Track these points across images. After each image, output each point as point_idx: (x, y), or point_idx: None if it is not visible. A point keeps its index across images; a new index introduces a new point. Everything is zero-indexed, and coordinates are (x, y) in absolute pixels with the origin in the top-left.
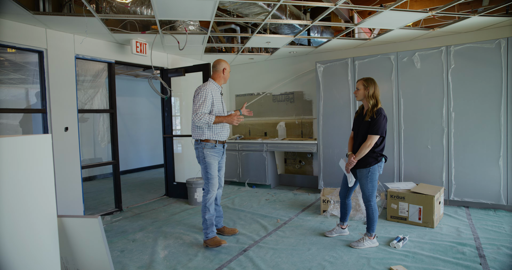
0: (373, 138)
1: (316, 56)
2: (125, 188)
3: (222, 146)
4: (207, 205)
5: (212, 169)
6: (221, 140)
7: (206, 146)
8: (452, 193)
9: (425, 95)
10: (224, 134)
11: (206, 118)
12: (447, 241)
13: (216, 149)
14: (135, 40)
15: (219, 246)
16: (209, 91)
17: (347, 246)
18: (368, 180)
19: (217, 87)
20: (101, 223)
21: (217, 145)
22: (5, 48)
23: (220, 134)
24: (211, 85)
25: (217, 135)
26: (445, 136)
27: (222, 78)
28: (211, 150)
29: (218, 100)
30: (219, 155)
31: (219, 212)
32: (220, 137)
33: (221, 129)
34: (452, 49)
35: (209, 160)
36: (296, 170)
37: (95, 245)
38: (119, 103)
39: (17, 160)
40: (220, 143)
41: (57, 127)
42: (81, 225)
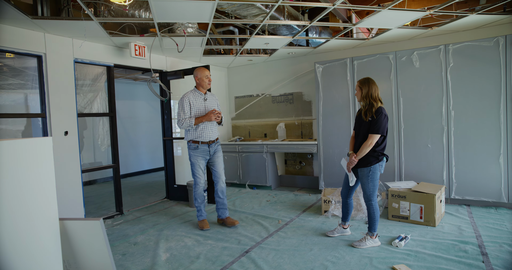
0: (374, 137)
1: (315, 56)
2: (126, 191)
3: (207, 146)
4: (195, 196)
5: (196, 167)
6: (204, 140)
7: (190, 147)
8: (453, 192)
9: (424, 94)
10: (205, 135)
11: (187, 122)
12: (449, 240)
13: (199, 149)
14: (134, 43)
15: (202, 229)
16: (186, 98)
17: (349, 246)
18: (369, 179)
19: (199, 93)
20: (103, 225)
21: (200, 146)
22: (3, 53)
23: (201, 136)
24: (191, 93)
25: (198, 136)
26: (445, 135)
27: (199, 85)
28: (194, 150)
29: (199, 105)
30: (203, 154)
31: (223, 204)
32: (202, 138)
33: (203, 131)
34: (451, 47)
35: (193, 159)
36: (297, 171)
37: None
38: (119, 106)
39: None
40: (204, 144)
41: (56, 131)
42: (83, 227)
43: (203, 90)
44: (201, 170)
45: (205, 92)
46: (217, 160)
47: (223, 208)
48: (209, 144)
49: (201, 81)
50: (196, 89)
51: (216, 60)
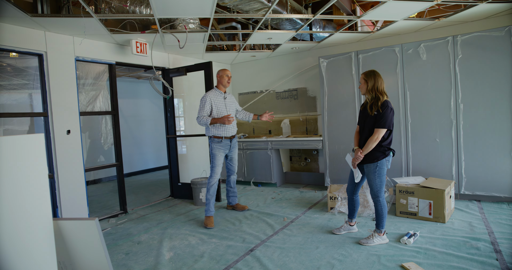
0: (380, 132)
1: (319, 51)
2: (130, 190)
3: (230, 140)
4: (208, 187)
5: (217, 159)
6: (227, 135)
7: (213, 141)
8: (463, 187)
9: (432, 87)
10: (228, 131)
11: (204, 120)
12: (460, 236)
13: (222, 143)
14: (135, 40)
15: (205, 227)
16: (208, 97)
17: (356, 243)
18: (376, 175)
19: (219, 93)
20: (98, 225)
21: (223, 140)
22: (4, 52)
23: (223, 131)
24: (212, 92)
25: (220, 132)
26: (454, 129)
27: (220, 84)
28: (217, 144)
29: (219, 103)
30: (225, 148)
31: (234, 193)
32: (224, 134)
33: (225, 127)
34: (459, 38)
35: (214, 152)
36: (302, 168)
37: (93, 248)
38: (122, 105)
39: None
40: (226, 138)
41: (59, 130)
42: (78, 228)
43: (223, 88)
44: (221, 162)
45: (225, 91)
46: (234, 156)
47: (234, 196)
48: (231, 139)
49: (221, 78)
50: (217, 88)
51: (219, 56)
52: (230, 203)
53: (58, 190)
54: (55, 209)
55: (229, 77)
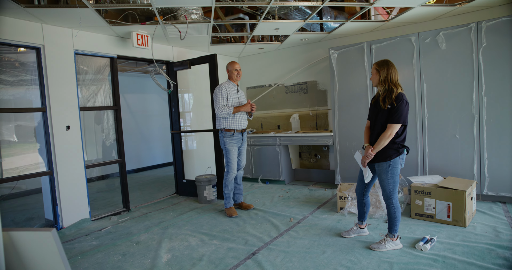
0: (394, 127)
1: (329, 42)
2: (136, 187)
3: (241, 134)
4: (226, 183)
5: (231, 154)
6: (239, 128)
7: (226, 135)
8: (486, 187)
9: (451, 79)
10: (240, 124)
11: (226, 110)
12: (483, 243)
13: (235, 137)
14: (136, 33)
15: (230, 216)
16: (223, 87)
17: (366, 248)
18: (389, 175)
19: (233, 85)
20: (56, 237)
21: (235, 133)
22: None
23: (236, 124)
24: (226, 83)
25: (233, 124)
26: (476, 124)
27: (231, 77)
28: (230, 138)
29: (233, 95)
30: (238, 142)
31: (239, 190)
32: (237, 126)
33: (238, 120)
34: (484, 25)
35: (228, 147)
36: (312, 165)
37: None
38: (130, 100)
39: None
40: (238, 132)
41: (58, 126)
42: (32, 239)
43: (234, 82)
44: (235, 156)
45: (237, 84)
46: (243, 150)
47: (239, 194)
48: (242, 132)
49: (231, 73)
50: (230, 81)
51: (226, 49)
52: (235, 201)
53: (57, 187)
54: (54, 207)
55: (239, 71)
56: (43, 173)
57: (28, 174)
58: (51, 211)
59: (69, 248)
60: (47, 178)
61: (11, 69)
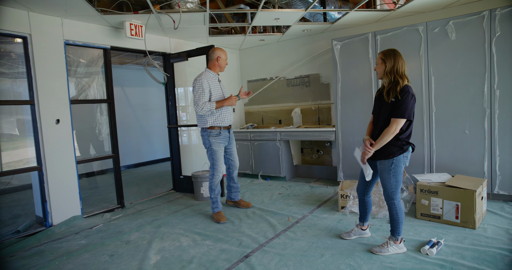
0: (398, 122)
1: (332, 33)
2: (134, 182)
3: (228, 131)
4: (212, 187)
5: (217, 156)
6: (225, 125)
7: (211, 134)
8: (497, 186)
9: (461, 71)
10: (227, 119)
11: (208, 106)
12: (495, 248)
13: (221, 135)
14: (129, 22)
15: (218, 222)
16: (204, 80)
17: (367, 251)
18: (391, 173)
19: (214, 75)
20: None
21: (221, 131)
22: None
23: (223, 120)
24: (206, 74)
25: (220, 121)
26: (487, 119)
27: (217, 66)
28: (216, 137)
29: (216, 87)
30: (225, 141)
31: (236, 188)
32: (223, 123)
33: (224, 115)
34: (498, 12)
35: (215, 147)
36: (314, 161)
37: None
38: (130, 93)
39: None
40: (225, 129)
41: (47, 120)
42: None
43: (216, 71)
44: (222, 157)
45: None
46: (233, 148)
47: (237, 192)
48: (228, 129)
49: (222, 62)
50: (210, 70)
51: (225, 40)
52: (233, 199)
53: (46, 183)
54: (44, 204)
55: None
56: (31, 168)
57: (15, 169)
58: (41, 208)
59: (56, 247)
60: (37, 173)
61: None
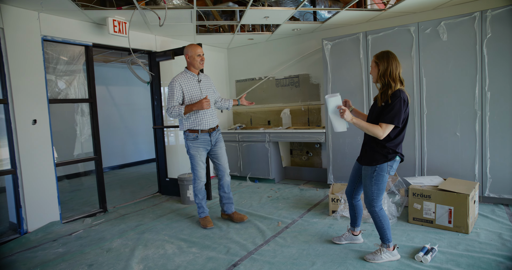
0: (385, 128)
1: (323, 33)
2: (118, 184)
3: (209, 134)
4: (195, 192)
5: (196, 160)
6: (205, 128)
7: (188, 137)
8: (487, 189)
9: (453, 72)
10: (205, 123)
11: (176, 110)
12: (490, 254)
13: (200, 139)
14: (112, 18)
15: (205, 228)
16: (177, 82)
17: (360, 259)
18: (373, 181)
19: (191, 75)
20: None
21: (199, 135)
22: None
23: (200, 123)
24: (182, 75)
25: (196, 124)
26: (478, 121)
27: (190, 65)
28: (193, 141)
29: (192, 88)
30: (204, 145)
31: (228, 198)
32: (201, 126)
33: (201, 118)
34: (489, 14)
35: (192, 152)
36: (303, 162)
37: None
38: (114, 93)
39: None
40: (204, 132)
41: (22, 120)
42: None
43: (195, 70)
44: (202, 163)
45: (198, 72)
46: (219, 152)
47: (229, 203)
48: (210, 132)
49: (192, 60)
50: (188, 70)
51: (213, 39)
52: (225, 211)
53: (21, 187)
54: (18, 209)
55: (202, 56)
56: (4, 172)
57: None
58: (15, 214)
59: (29, 257)
60: (10, 177)
61: None
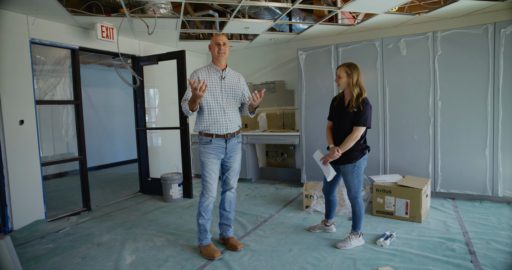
0: (360, 130)
1: (298, 43)
2: (98, 184)
3: (224, 140)
4: (200, 209)
5: (206, 169)
6: (220, 133)
7: (201, 141)
8: (438, 185)
9: (411, 83)
10: (220, 125)
11: (184, 106)
12: (436, 237)
13: (213, 145)
14: (100, 24)
15: (212, 259)
16: (195, 75)
17: (331, 245)
18: (355, 175)
19: (215, 69)
20: (10, 245)
21: (213, 140)
22: None
23: (213, 125)
24: (204, 68)
25: (209, 126)
26: (432, 126)
27: (213, 57)
28: (205, 145)
29: (213, 85)
30: (218, 152)
31: (228, 219)
32: (215, 130)
33: (215, 119)
34: (439, 35)
35: (203, 158)
36: (278, 163)
37: None
38: (92, 94)
39: None
40: (219, 137)
41: (9, 120)
42: None
43: (220, 64)
44: (213, 173)
45: (224, 68)
46: (233, 164)
47: (227, 224)
48: (227, 138)
49: (212, 50)
50: (213, 65)
51: (194, 45)
52: (221, 234)
53: (7, 186)
54: (3, 208)
55: (221, 45)
56: None
57: None
58: (0, 213)
59: (20, 252)
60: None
61: None
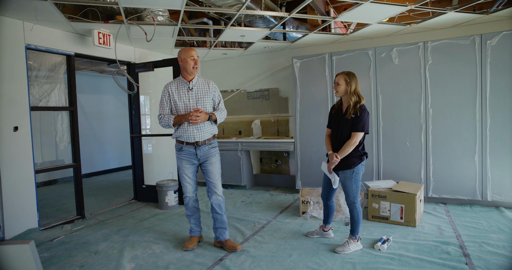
0: (358, 136)
1: (292, 51)
2: (90, 192)
3: (194, 148)
4: (185, 207)
5: (180, 172)
6: (189, 141)
7: (175, 147)
8: (430, 190)
9: (403, 91)
10: (189, 134)
11: (165, 119)
12: (431, 241)
13: (184, 151)
14: (97, 31)
15: (183, 249)
16: (166, 90)
17: (330, 250)
18: (353, 181)
19: (183, 82)
20: (34, 249)
21: (184, 147)
22: None
23: (183, 133)
24: (173, 82)
25: (180, 134)
26: (423, 133)
27: (183, 69)
28: (178, 152)
29: (181, 97)
30: (189, 158)
31: (222, 222)
32: (184, 138)
33: (184, 129)
34: (429, 45)
35: (178, 163)
36: (273, 170)
37: None
38: (84, 100)
39: None
40: (189, 145)
41: (4, 127)
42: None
43: (188, 76)
44: (187, 176)
45: (191, 79)
46: (209, 168)
47: (222, 228)
48: (196, 146)
49: (185, 63)
50: (180, 78)
51: None
52: (218, 238)
53: (0, 194)
54: None
55: (196, 60)
56: None
57: None
58: None
59: None
60: None
61: None
